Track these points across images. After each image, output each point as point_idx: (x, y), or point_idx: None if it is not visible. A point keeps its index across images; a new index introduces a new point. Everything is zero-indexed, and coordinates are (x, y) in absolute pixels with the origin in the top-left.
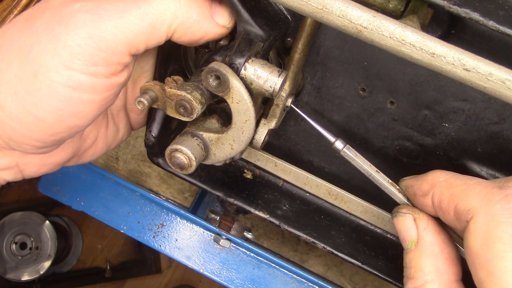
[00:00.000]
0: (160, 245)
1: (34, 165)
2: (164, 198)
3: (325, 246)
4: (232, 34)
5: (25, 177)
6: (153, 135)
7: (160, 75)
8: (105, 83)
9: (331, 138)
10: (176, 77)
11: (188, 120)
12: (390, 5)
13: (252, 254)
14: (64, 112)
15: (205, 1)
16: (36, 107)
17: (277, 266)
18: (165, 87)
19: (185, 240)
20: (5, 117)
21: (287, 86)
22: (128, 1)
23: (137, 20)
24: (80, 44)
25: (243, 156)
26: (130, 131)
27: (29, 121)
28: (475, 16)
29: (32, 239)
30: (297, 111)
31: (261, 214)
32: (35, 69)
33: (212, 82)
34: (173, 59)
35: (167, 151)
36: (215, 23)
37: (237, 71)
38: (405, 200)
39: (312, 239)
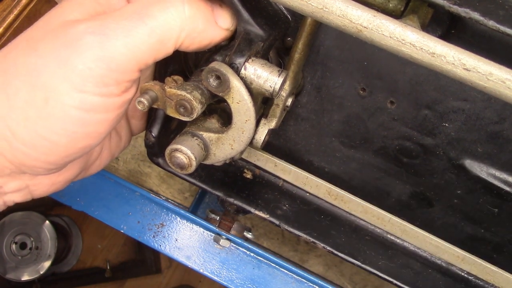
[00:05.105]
0: (160, 245)
1: (44, 185)
2: (164, 198)
3: (325, 246)
4: (232, 34)
5: (34, 197)
6: (153, 135)
7: (160, 75)
8: (117, 101)
9: None
10: (176, 77)
11: (188, 120)
12: (390, 5)
13: (252, 254)
14: (78, 134)
15: (208, 7)
16: (49, 132)
17: (277, 266)
18: (165, 87)
19: (185, 240)
20: (17, 144)
21: (287, 86)
22: (133, 18)
23: (145, 37)
24: (90, 67)
25: (243, 156)
26: (131, 137)
27: (42, 145)
28: (475, 16)
29: (32, 239)
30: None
31: (261, 214)
32: (46, 94)
33: (213, 82)
34: (173, 59)
35: (167, 151)
36: (219, 28)
37: (237, 71)
38: None
39: (312, 239)
